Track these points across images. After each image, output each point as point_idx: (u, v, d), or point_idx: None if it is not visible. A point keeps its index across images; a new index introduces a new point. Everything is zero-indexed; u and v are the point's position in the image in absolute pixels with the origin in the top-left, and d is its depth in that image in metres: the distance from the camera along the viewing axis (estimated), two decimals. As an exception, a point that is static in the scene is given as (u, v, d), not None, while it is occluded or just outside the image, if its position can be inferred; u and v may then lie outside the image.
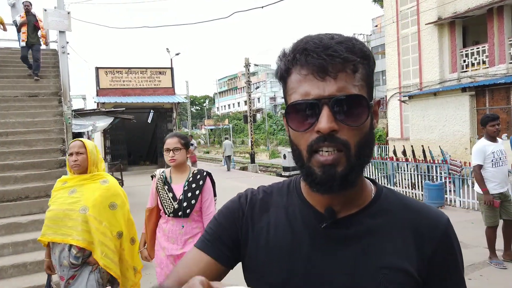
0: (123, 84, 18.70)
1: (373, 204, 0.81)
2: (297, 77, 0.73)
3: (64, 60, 7.50)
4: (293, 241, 0.80)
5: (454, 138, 14.94)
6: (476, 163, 4.68)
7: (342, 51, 0.70)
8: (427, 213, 0.81)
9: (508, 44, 13.87)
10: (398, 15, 17.63)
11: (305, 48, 0.71)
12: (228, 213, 0.89)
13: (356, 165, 0.72)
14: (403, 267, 0.75)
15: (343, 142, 0.70)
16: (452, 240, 0.80)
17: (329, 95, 0.69)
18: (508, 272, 4.42)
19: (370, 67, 0.75)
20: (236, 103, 66.07)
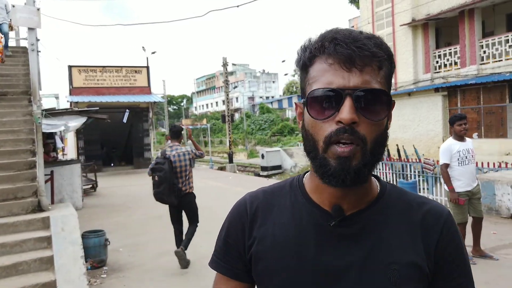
0: (97, 83, 18.31)
1: (379, 200, 0.81)
2: (321, 66, 0.73)
3: (34, 58, 7.26)
4: (301, 240, 0.80)
5: (427, 137, 15.34)
6: (442, 162, 4.79)
7: (371, 46, 0.71)
8: (429, 206, 0.82)
9: (479, 46, 14.34)
10: (373, 16, 17.95)
11: (335, 37, 0.71)
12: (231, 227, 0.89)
13: (369, 161, 0.72)
14: (412, 261, 0.76)
15: (361, 136, 0.70)
16: (454, 230, 0.82)
17: (354, 86, 0.70)
18: (477, 267, 4.56)
19: (392, 68, 0.76)
20: (214, 103, 65.79)
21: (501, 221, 6.60)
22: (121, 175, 17.28)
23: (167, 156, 4.97)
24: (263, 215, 0.85)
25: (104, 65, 18.66)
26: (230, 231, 0.88)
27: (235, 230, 0.87)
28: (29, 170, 6.01)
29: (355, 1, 24.76)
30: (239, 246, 0.86)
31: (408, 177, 9.43)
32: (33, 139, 6.57)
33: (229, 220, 0.90)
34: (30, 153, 6.35)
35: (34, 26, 7.23)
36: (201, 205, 5.57)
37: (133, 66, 19.27)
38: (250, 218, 0.86)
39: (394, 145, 14.52)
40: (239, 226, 0.87)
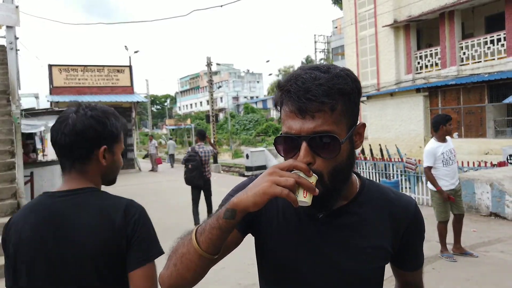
0: (79, 83, 18.00)
1: (359, 195, 1.00)
2: (284, 112, 0.88)
3: (13, 57, 7.10)
4: (299, 226, 0.98)
5: (409, 137, 15.60)
6: (426, 165, 4.86)
7: (320, 95, 0.82)
8: (400, 200, 1.03)
9: (459, 47, 14.66)
10: (356, 17, 18.15)
11: (288, 90, 0.85)
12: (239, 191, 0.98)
13: (330, 189, 0.87)
14: (381, 245, 0.98)
15: (318, 173, 0.84)
16: (419, 219, 1.05)
17: (307, 132, 0.84)
18: (458, 264, 4.65)
19: (351, 101, 0.88)
20: (198, 103, 65.49)
21: (480, 219, 6.74)
22: (104, 176, 17.02)
23: (196, 151, 6.69)
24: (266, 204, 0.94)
25: (85, 64, 18.36)
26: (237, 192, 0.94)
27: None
28: (8, 171, 5.88)
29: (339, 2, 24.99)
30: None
31: (391, 176, 9.57)
32: (12, 140, 6.42)
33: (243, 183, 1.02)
34: (9, 154, 6.20)
35: (12, 24, 7.07)
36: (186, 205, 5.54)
37: (116, 65, 19.00)
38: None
39: (377, 145, 14.72)
40: None
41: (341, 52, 28.69)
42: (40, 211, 1.25)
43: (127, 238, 1.21)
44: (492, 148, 12.84)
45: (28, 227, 1.23)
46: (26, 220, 1.25)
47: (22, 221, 1.26)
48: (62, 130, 1.27)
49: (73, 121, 1.27)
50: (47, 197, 1.29)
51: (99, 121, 1.29)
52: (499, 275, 4.35)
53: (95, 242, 1.20)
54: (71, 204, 1.24)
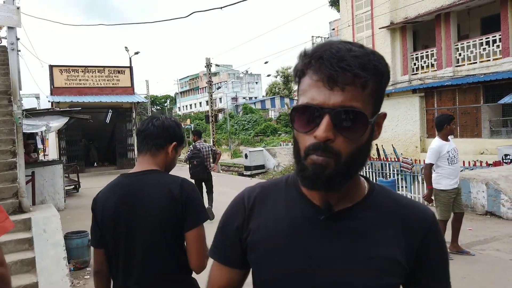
0: (79, 83, 18.02)
1: (367, 199, 0.87)
2: (308, 81, 0.77)
3: (14, 58, 7.15)
4: (293, 232, 0.86)
5: (405, 137, 15.69)
6: (428, 162, 4.87)
7: (355, 66, 0.73)
8: (416, 208, 0.88)
9: (454, 48, 14.77)
10: (353, 19, 18.25)
11: (321, 56, 0.75)
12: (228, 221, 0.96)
13: (343, 172, 0.77)
14: (393, 257, 0.82)
15: (335, 151, 0.75)
16: (437, 233, 0.87)
17: (333, 105, 0.73)
18: (454, 262, 4.67)
19: (382, 82, 0.79)
20: (198, 103, 65.46)
21: (476, 218, 6.81)
22: (104, 176, 17.04)
23: (198, 148, 7.47)
24: (259, 208, 0.92)
25: (86, 65, 18.38)
26: (227, 223, 0.96)
27: (233, 221, 0.94)
28: (10, 171, 5.92)
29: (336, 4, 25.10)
30: (235, 236, 0.93)
31: (387, 176, 9.66)
32: (13, 140, 6.48)
33: (227, 212, 0.97)
34: (10, 154, 6.26)
35: (13, 25, 7.13)
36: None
37: (116, 66, 19.02)
38: (248, 211, 0.93)
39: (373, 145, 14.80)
40: (236, 219, 0.94)
41: (339, 53, 28.76)
42: (120, 188, 1.68)
43: (182, 206, 1.61)
44: (488, 148, 12.96)
45: (111, 201, 1.66)
46: (109, 195, 1.68)
47: (105, 196, 1.69)
48: (153, 122, 1.73)
49: (162, 119, 1.75)
50: (124, 177, 1.72)
51: (177, 125, 1.78)
52: (495, 273, 4.41)
53: (160, 209, 1.60)
54: (143, 182, 1.66)
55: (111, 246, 1.66)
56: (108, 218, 1.65)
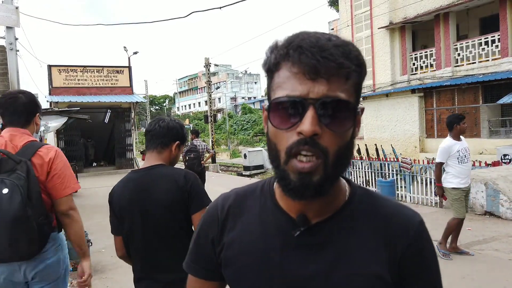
0: (78, 83, 17.99)
1: (347, 207, 0.78)
2: (286, 73, 0.69)
3: (13, 57, 7.16)
4: (266, 247, 0.78)
5: (404, 137, 15.71)
6: (438, 161, 4.92)
7: (339, 55, 0.67)
8: (399, 214, 0.79)
9: (453, 49, 14.79)
10: (352, 19, 18.27)
11: (300, 45, 0.67)
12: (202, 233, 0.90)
13: (332, 174, 0.70)
14: (375, 272, 0.74)
15: (323, 149, 0.67)
16: (423, 242, 0.77)
17: (317, 95, 0.66)
18: (453, 262, 4.67)
19: (362, 76, 0.72)
20: (196, 103, 65.46)
21: (475, 218, 6.82)
22: (103, 176, 17.03)
23: (195, 144, 8.37)
24: (233, 219, 0.85)
25: (85, 65, 18.36)
26: (201, 235, 0.89)
27: (206, 234, 0.88)
28: (9, 171, 5.91)
29: (335, 4, 25.12)
30: (209, 249, 0.87)
31: (387, 176, 9.66)
32: (12, 140, 6.46)
33: (201, 224, 0.90)
34: (9, 154, 6.24)
35: (12, 24, 7.13)
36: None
37: (115, 66, 19.00)
38: (221, 223, 0.86)
39: (372, 145, 14.83)
40: (210, 231, 0.87)
41: (338, 53, 28.82)
42: (132, 182, 1.94)
43: (187, 193, 1.88)
44: (487, 148, 12.98)
45: (126, 194, 1.92)
46: (124, 189, 1.94)
47: (120, 190, 1.96)
48: (159, 123, 1.98)
49: (167, 121, 2.01)
50: (135, 173, 1.98)
51: (181, 127, 2.04)
52: (494, 273, 4.42)
53: (168, 197, 1.87)
54: (152, 175, 1.92)
55: (129, 233, 1.92)
56: (124, 209, 1.91)
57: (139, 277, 1.95)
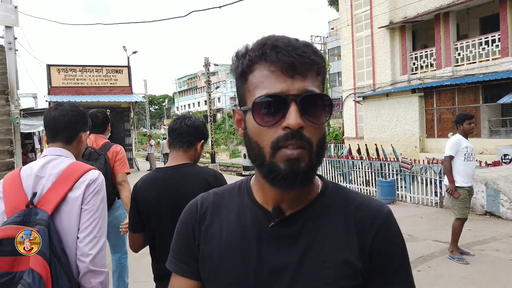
0: (77, 83, 17.98)
1: (319, 199, 0.82)
2: (263, 73, 0.73)
3: (12, 57, 7.13)
4: (244, 241, 0.82)
5: (404, 137, 15.70)
6: (448, 154, 4.86)
7: (310, 53, 0.73)
8: (368, 205, 0.82)
9: (454, 48, 14.78)
10: (352, 18, 18.25)
11: (275, 45, 0.72)
12: (183, 228, 0.91)
13: (315, 163, 0.74)
14: (346, 259, 0.77)
15: (307, 139, 0.71)
16: (391, 231, 0.81)
17: (297, 92, 0.71)
18: (454, 263, 4.66)
19: (325, 73, 0.79)
20: (196, 103, 65.43)
21: (476, 218, 6.82)
22: (101, 176, 17.02)
23: None
24: (211, 216, 0.88)
25: (84, 64, 18.34)
26: (181, 231, 0.91)
27: (186, 230, 0.89)
28: (7, 171, 5.89)
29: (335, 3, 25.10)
30: (189, 245, 0.88)
31: (387, 176, 9.65)
32: (11, 140, 6.45)
33: (180, 220, 0.92)
34: (7, 154, 6.23)
35: (11, 24, 7.10)
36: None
37: (114, 65, 18.97)
38: (199, 218, 0.88)
39: (372, 145, 14.81)
40: (189, 227, 0.89)
41: (337, 53, 28.81)
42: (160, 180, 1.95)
43: None
44: (487, 148, 12.97)
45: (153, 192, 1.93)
46: (151, 187, 1.95)
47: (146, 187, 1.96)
48: (185, 122, 1.98)
49: (193, 119, 2.01)
50: (161, 171, 2.00)
51: (204, 125, 2.06)
52: (494, 273, 4.42)
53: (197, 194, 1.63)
54: (180, 174, 1.94)
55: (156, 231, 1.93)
56: (152, 207, 1.92)
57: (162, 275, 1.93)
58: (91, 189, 1.68)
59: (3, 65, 8.28)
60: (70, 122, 1.80)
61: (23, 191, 1.65)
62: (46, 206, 1.60)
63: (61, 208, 1.63)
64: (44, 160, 1.74)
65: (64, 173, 1.69)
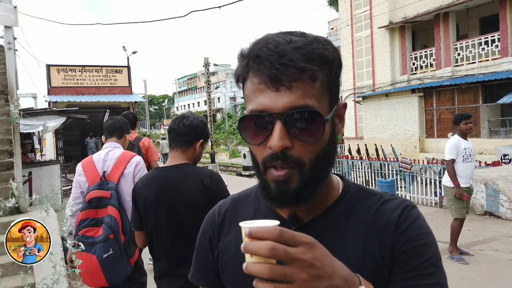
0: (77, 83, 17.98)
1: (338, 204, 0.78)
2: (250, 85, 0.69)
3: (11, 57, 7.12)
4: None
5: (404, 137, 15.70)
6: (450, 158, 4.84)
7: (298, 59, 0.65)
8: (390, 205, 0.76)
9: (453, 48, 14.78)
10: (352, 18, 18.25)
11: (258, 55, 0.67)
12: (201, 239, 0.90)
13: (310, 180, 0.69)
14: (365, 265, 0.71)
15: (296, 159, 0.67)
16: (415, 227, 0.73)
17: (282, 108, 0.65)
18: (453, 263, 4.71)
19: (333, 71, 0.70)
20: (196, 103, 65.41)
21: (475, 218, 6.82)
22: (101, 176, 17.01)
23: None
24: (229, 224, 0.86)
25: (83, 64, 18.35)
26: (201, 242, 0.90)
27: (204, 241, 0.89)
28: (6, 171, 5.89)
29: (335, 3, 25.10)
30: (207, 257, 0.88)
31: (386, 176, 9.65)
32: (10, 140, 6.44)
33: (200, 231, 0.91)
34: (7, 154, 6.22)
35: (11, 24, 7.09)
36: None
37: (114, 65, 18.99)
38: (218, 228, 0.87)
39: (372, 145, 14.81)
40: (206, 239, 0.88)
41: (337, 52, 28.81)
42: (158, 180, 1.96)
43: (212, 193, 1.91)
44: (487, 148, 12.97)
45: (151, 192, 1.94)
46: (149, 187, 1.96)
47: (145, 187, 1.98)
48: (183, 122, 1.98)
49: (191, 119, 2.00)
50: (160, 171, 2.03)
51: (204, 124, 2.04)
52: (494, 273, 4.43)
53: (194, 195, 1.90)
54: (177, 174, 1.95)
55: (154, 230, 1.95)
56: (149, 206, 1.95)
57: (162, 274, 1.97)
58: (138, 168, 2.70)
59: (2, 65, 8.27)
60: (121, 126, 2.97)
61: (96, 170, 2.68)
62: (112, 179, 2.63)
63: (120, 180, 2.65)
64: (107, 150, 2.78)
65: (120, 158, 2.73)
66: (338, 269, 0.56)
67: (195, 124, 1.99)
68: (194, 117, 2.03)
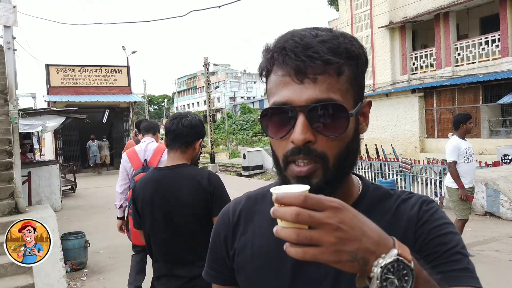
0: (76, 83, 17.97)
1: (357, 204, 0.76)
2: (275, 78, 0.68)
3: (10, 57, 7.10)
4: (278, 250, 0.73)
5: (404, 137, 15.69)
6: (452, 160, 4.82)
7: (324, 52, 0.64)
8: (407, 203, 0.75)
9: (454, 48, 14.77)
10: (352, 18, 18.23)
11: (283, 47, 0.66)
12: (215, 237, 0.89)
13: (334, 177, 0.67)
14: None
15: (319, 154, 0.65)
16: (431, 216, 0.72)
17: (306, 101, 0.64)
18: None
19: (358, 67, 0.69)
20: (195, 103, 65.40)
21: (476, 219, 6.81)
22: (101, 176, 17.01)
23: None
24: (244, 223, 0.85)
25: (83, 64, 18.33)
26: (215, 241, 0.89)
27: (219, 240, 0.87)
28: (6, 171, 5.87)
29: (335, 3, 25.08)
30: (223, 255, 0.86)
31: (387, 176, 9.64)
32: (9, 140, 6.42)
33: (214, 230, 0.90)
34: (6, 154, 6.20)
35: (10, 24, 7.08)
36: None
37: (113, 65, 18.98)
38: (232, 227, 0.86)
39: (372, 145, 14.80)
40: (222, 237, 0.87)
41: (337, 52, 28.80)
42: (155, 180, 1.95)
43: (210, 194, 1.89)
44: (487, 148, 12.97)
45: (148, 191, 1.94)
46: (146, 186, 1.97)
47: (143, 187, 1.98)
48: (182, 122, 1.96)
49: (190, 119, 1.98)
50: (158, 171, 2.03)
51: (202, 123, 2.03)
52: (494, 274, 4.41)
53: (191, 197, 1.89)
54: (175, 174, 1.94)
55: (151, 231, 1.95)
56: (147, 207, 1.95)
57: (159, 275, 1.97)
58: None
59: (1, 65, 8.25)
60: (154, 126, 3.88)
61: (139, 158, 3.35)
62: (152, 165, 3.19)
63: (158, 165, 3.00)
64: (146, 143, 3.48)
65: (157, 149, 3.40)
66: (367, 232, 0.55)
67: (194, 124, 1.97)
68: (192, 117, 2.01)
